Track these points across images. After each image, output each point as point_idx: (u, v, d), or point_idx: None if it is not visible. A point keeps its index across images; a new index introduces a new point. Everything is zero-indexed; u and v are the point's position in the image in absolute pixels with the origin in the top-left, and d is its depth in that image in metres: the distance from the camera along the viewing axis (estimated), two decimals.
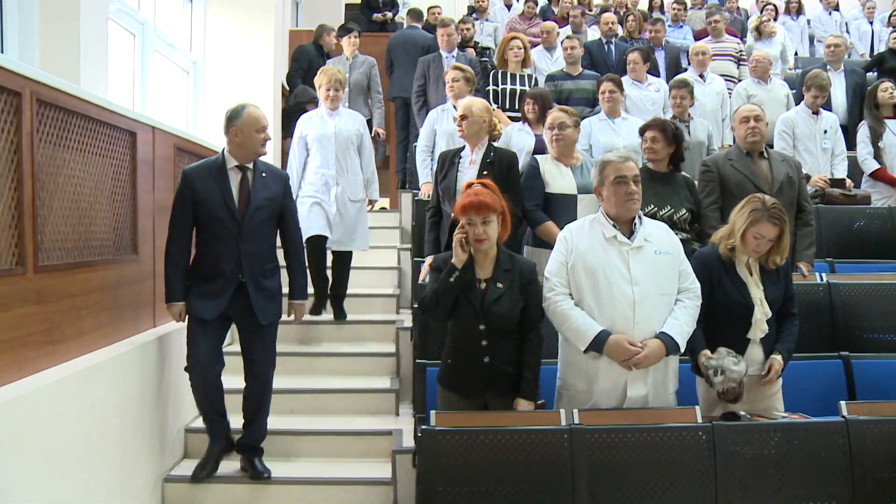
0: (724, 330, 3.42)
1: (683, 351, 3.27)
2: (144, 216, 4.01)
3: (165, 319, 4.09)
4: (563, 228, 3.47)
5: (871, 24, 10.23)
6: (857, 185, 6.04)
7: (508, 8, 10.46)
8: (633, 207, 3.25)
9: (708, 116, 6.44)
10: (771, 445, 3.09)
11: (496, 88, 6.45)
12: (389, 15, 9.75)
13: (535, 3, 9.38)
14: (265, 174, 3.86)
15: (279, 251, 3.97)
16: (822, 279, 4.45)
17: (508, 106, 6.34)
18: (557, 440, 3.02)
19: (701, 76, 6.93)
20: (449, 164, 4.51)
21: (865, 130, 6.06)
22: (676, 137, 4.40)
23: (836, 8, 10.60)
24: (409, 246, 6.15)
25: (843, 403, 3.22)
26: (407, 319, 5.11)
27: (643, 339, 3.15)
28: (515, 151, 4.76)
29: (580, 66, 6.96)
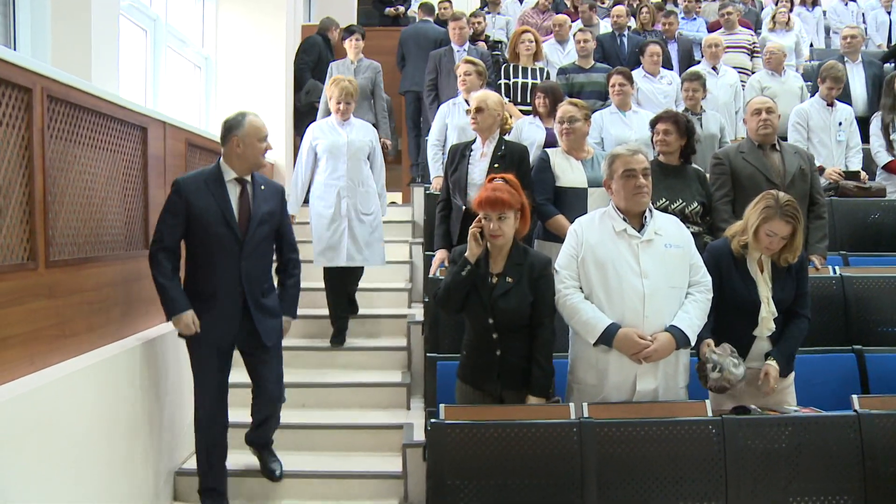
0: (731, 324, 3.40)
1: (694, 345, 3.25)
2: (155, 212, 3.98)
3: None
4: (573, 222, 3.46)
5: (888, 14, 10.08)
6: (871, 177, 5.99)
7: (521, 1, 10.41)
8: (642, 201, 3.23)
9: (721, 109, 6.37)
10: (782, 439, 3.07)
11: (507, 82, 6.43)
12: (402, 9, 9.71)
13: None
14: (264, 187, 3.68)
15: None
16: (835, 272, 4.42)
17: (520, 99, 6.31)
18: (567, 434, 3.01)
19: (714, 69, 6.87)
20: (460, 156, 4.51)
21: (878, 122, 5.99)
22: (688, 130, 4.37)
23: None
24: (420, 240, 6.16)
25: (855, 397, 3.19)
26: (418, 313, 5.10)
27: (653, 332, 3.14)
28: (526, 145, 4.76)
29: (592, 59, 6.92)
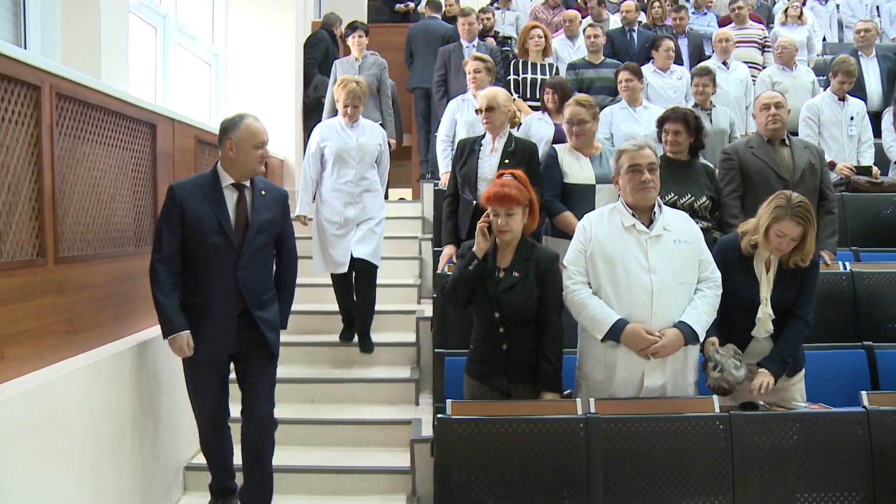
0: (732, 320, 3.38)
1: (702, 341, 3.24)
2: None
3: None
4: (581, 218, 3.45)
5: None
6: (884, 172, 5.94)
7: None
8: (648, 196, 3.22)
9: (731, 104, 6.35)
10: (790, 436, 3.06)
11: (517, 77, 6.42)
12: (412, 5, 9.72)
13: None
14: (265, 192, 3.47)
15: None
16: (845, 268, 4.39)
17: (529, 95, 6.31)
18: (573, 429, 3.02)
19: (724, 63, 6.84)
20: (469, 151, 4.51)
21: (890, 117, 5.95)
22: (697, 126, 4.35)
23: None
24: (430, 236, 6.17)
25: (864, 394, 3.18)
26: (427, 309, 5.11)
27: (661, 328, 3.13)
28: (535, 141, 4.75)
29: (602, 54, 6.90)
